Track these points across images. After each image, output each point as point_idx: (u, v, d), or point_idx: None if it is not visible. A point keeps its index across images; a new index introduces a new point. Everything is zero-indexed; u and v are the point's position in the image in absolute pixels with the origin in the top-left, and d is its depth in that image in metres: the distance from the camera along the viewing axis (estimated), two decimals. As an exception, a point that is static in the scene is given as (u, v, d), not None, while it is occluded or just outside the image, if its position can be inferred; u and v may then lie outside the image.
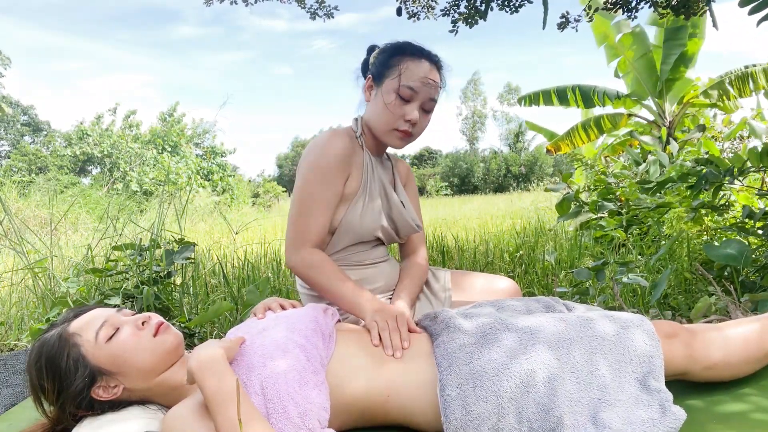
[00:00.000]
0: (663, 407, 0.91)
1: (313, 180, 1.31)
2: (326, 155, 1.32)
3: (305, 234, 1.30)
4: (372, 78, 1.38)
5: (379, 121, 1.35)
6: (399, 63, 1.33)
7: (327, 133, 1.37)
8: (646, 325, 1.04)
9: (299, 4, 3.96)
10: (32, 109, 26.91)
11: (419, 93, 1.32)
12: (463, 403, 0.93)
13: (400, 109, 1.32)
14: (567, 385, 0.93)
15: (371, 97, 1.39)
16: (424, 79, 1.32)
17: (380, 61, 1.37)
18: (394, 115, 1.32)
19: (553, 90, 8.12)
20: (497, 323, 1.05)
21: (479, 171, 36.34)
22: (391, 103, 1.32)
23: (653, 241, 2.90)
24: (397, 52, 1.35)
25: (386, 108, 1.32)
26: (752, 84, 6.91)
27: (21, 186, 8.69)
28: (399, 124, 1.33)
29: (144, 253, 2.04)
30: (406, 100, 1.32)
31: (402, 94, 1.31)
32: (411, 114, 1.32)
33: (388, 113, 1.32)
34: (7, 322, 2.27)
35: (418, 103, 1.33)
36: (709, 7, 3.03)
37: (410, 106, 1.33)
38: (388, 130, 1.35)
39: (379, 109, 1.34)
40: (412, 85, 1.31)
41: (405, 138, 1.36)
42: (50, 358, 0.96)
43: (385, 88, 1.33)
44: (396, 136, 1.35)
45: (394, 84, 1.31)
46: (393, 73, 1.32)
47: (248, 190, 18.56)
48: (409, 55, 1.34)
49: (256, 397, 0.89)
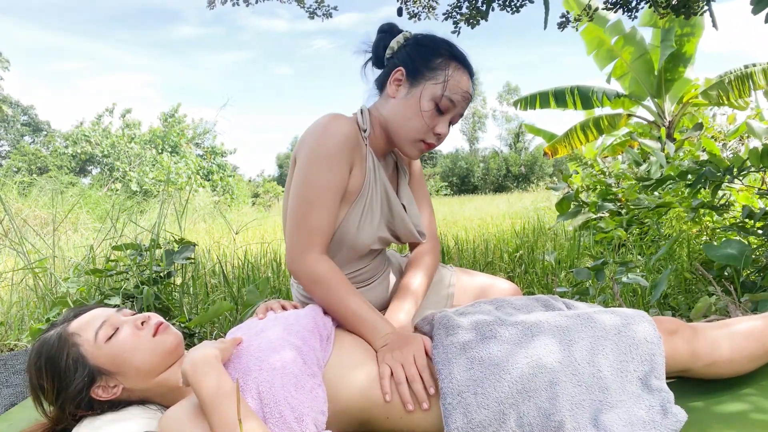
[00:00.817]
0: (664, 408, 0.91)
1: (317, 166, 1.13)
2: (330, 138, 1.13)
3: (310, 235, 1.13)
4: (405, 72, 1.19)
5: (406, 127, 1.18)
6: (445, 67, 1.17)
7: (327, 116, 1.17)
8: (647, 320, 1.03)
9: (298, 3, 3.96)
10: (32, 109, 26.94)
11: (456, 108, 1.19)
12: (464, 411, 0.92)
13: (433, 119, 1.17)
14: (568, 389, 0.92)
15: (399, 95, 1.20)
16: (465, 94, 1.19)
17: (420, 56, 1.19)
18: (427, 125, 1.17)
19: (551, 92, 8.04)
20: (496, 322, 1.04)
21: (479, 171, 36.34)
22: (429, 112, 1.16)
23: (653, 241, 2.90)
24: (442, 52, 1.19)
25: (420, 115, 1.16)
26: (752, 84, 6.92)
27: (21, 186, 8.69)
28: (426, 135, 1.18)
29: (144, 254, 2.04)
30: (442, 112, 1.18)
31: (442, 105, 1.17)
32: (442, 128, 1.19)
33: (420, 121, 1.17)
34: (7, 322, 2.27)
35: (449, 117, 1.20)
36: (709, 7, 3.04)
37: (444, 118, 1.19)
38: (415, 139, 1.19)
39: (409, 113, 1.17)
40: (454, 99, 1.17)
41: (426, 150, 1.22)
42: (50, 357, 0.96)
43: (424, 91, 1.16)
44: (419, 147, 1.21)
45: (436, 91, 1.16)
46: (437, 77, 1.16)
47: (248, 190, 18.56)
48: (456, 60, 1.18)
49: (253, 401, 0.89)
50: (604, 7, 3.67)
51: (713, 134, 6.40)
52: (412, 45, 1.21)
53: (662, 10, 3.46)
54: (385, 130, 1.23)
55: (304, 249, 1.13)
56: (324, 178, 1.12)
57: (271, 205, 16.24)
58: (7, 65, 22.04)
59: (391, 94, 1.21)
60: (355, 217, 1.20)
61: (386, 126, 1.22)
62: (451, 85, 1.16)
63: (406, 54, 1.20)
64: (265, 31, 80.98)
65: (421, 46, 1.20)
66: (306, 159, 1.14)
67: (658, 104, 7.94)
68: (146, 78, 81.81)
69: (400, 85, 1.20)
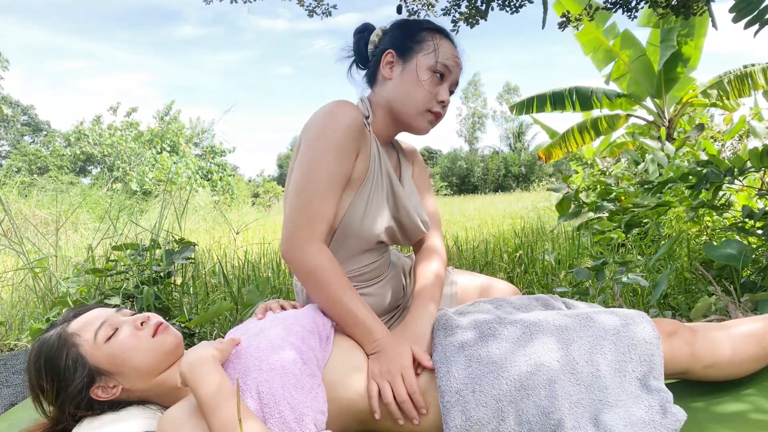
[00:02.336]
0: (664, 408, 0.91)
1: (324, 153, 1.10)
2: (338, 124, 1.12)
3: (312, 222, 1.09)
4: (395, 53, 1.22)
5: (410, 101, 1.19)
6: (431, 38, 1.20)
7: (334, 102, 1.17)
8: (646, 321, 1.03)
9: (298, 1, 3.96)
10: (32, 109, 26.94)
11: (452, 73, 1.21)
12: (462, 409, 0.92)
13: (434, 88, 1.20)
14: (567, 387, 0.92)
15: (395, 74, 1.21)
16: (456, 59, 1.22)
17: (404, 34, 1.23)
18: (430, 93, 1.19)
19: (549, 94, 7.94)
20: (495, 321, 1.04)
21: (479, 171, 36.35)
22: (428, 80, 1.18)
23: (653, 241, 2.90)
24: (424, 26, 1.23)
25: (421, 86, 1.18)
26: (751, 84, 6.92)
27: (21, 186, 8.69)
28: (432, 105, 1.20)
29: (144, 254, 2.04)
30: (441, 77, 1.20)
31: (440, 69, 1.19)
32: (444, 95, 1.21)
33: (422, 91, 1.18)
34: (7, 322, 2.27)
35: (448, 85, 1.23)
36: (709, 7, 3.03)
37: (443, 86, 1.21)
38: (422, 111, 1.20)
39: (410, 87, 1.19)
40: (447, 64, 1.19)
41: (434, 120, 1.23)
42: (49, 358, 0.96)
43: (419, 64, 1.19)
44: (428, 118, 1.22)
45: (430, 60, 1.18)
46: (426, 48, 1.19)
47: (248, 190, 18.55)
48: (439, 32, 1.23)
49: (252, 401, 0.89)
50: (603, 6, 3.67)
51: (713, 134, 6.40)
52: (394, 29, 1.26)
53: (662, 10, 3.46)
54: (390, 111, 1.23)
55: (305, 237, 1.08)
56: (331, 165, 1.10)
57: (271, 205, 16.24)
58: (7, 65, 22.04)
59: (387, 76, 1.22)
60: (360, 204, 1.18)
61: (390, 107, 1.23)
62: (442, 52, 1.19)
63: (390, 38, 1.24)
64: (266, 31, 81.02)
65: (403, 26, 1.25)
66: (312, 144, 1.12)
67: (658, 104, 7.94)
68: (146, 78, 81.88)
69: (393, 66, 1.22)
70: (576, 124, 8.25)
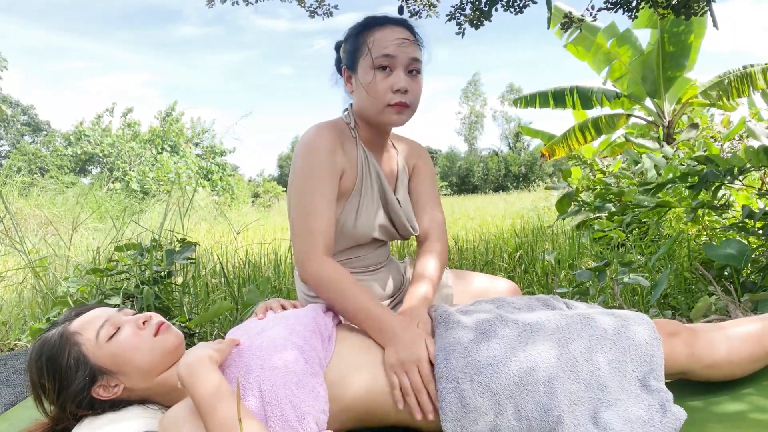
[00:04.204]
0: (663, 407, 0.91)
1: (309, 180, 1.22)
2: (315, 152, 1.23)
3: (313, 239, 1.18)
4: (347, 68, 1.30)
5: (368, 105, 1.25)
6: (366, 38, 1.24)
7: (312, 128, 1.28)
8: (647, 322, 1.03)
9: (299, 2, 3.95)
10: (32, 109, 26.95)
11: (397, 56, 1.21)
12: (459, 396, 0.93)
13: (384, 82, 1.22)
14: (567, 385, 0.93)
15: (354, 87, 1.30)
16: (396, 41, 1.22)
17: (348, 48, 1.29)
18: (379, 90, 1.22)
19: (551, 92, 8.04)
20: (497, 319, 1.05)
21: (478, 171, 36.36)
22: (372, 80, 1.22)
23: (653, 241, 2.91)
24: (358, 30, 1.27)
25: (369, 87, 1.22)
26: (751, 84, 6.92)
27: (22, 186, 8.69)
28: (389, 98, 1.22)
29: (145, 253, 2.04)
30: (387, 70, 1.22)
31: (379, 64, 1.21)
32: (398, 83, 1.22)
33: (372, 91, 1.22)
34: (8, 321, 2.27)
35: (402, 69, 1.22)
36: (709, 7, 3.04)
37: (394, 74, 1.22)
38: (381, 109, 1.24)
39: (363, 93, 1.25)
40: (386, 52, 1.21)
41: (402, 110, 1.25)
42: (51, 357, 0.97)
43: (361, 69, 1.24)
44: (391, 112, 1.24)
45: (368, 60, 1.22)
46: (363, 50, 1.24)
47: (248, 190, 18.54)
48: (373, 26, 1.25)
49: (254, 400, 0.89)
50: (604, 6, 3.67)
51: (713, 134, 6.40)
52: (342, 44, 1.33)
53: (662, 10, 3.46)
54: (363, 119, 1.32)
55: (311, 254, 1.18)
56: (317, 189, 1.21)
57: (271, 205, 16.24)
58: (6, 64, 22.03)
59: (349, 90, 1.33)
60: (351, 210, 1.29)
61: (360, 115, 1.31)
62: (376, 46, 1.22)
63: (342, 55, 1.33)
64: (266, 30, 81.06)
65: (347, 40, 1.32)
66: (298, 175, 1.24)
67: (658, 104, 7.94)
68: (146, 78, 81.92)
69: (351, 80, 1.31)
70: (577, 123, 8.26)
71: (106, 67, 77.60)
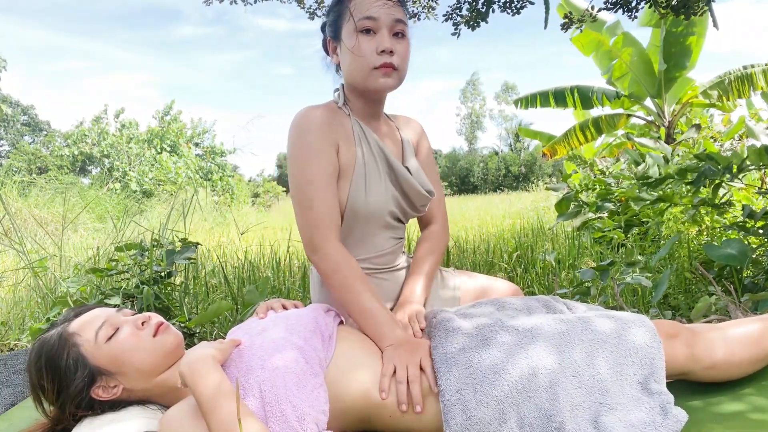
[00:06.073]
0: (664, 409, 0.91)
1: (304, 160, 1.19)
2: (305, 131, 1.21)
3: (317, 225, 1.17)
4: (332, 39, 1.29)
5: (354, 70, 1.22)
6: (347, 3, 1.22)
7: (301, 110, 1.27)
8: (647, 325, 1.03)
9: (298, 3, 3.95)
10: (32, 109, 26.95)
11: (380, 18, 1.19)
12: (463, 408, 0.92)
13: (368, 44, 1.19)
14: (568, 390, 0.92)
15: (339, 56, 1.27)
16: (378, 3, 1.20)
17: (331, 19, 1.27)
18: (365, 52, 1.19)
19: (551, 92, 8.06)
20: (496, 325, 1.04)
21: (478, 171, 36.37)
22: (356, 44, 1.19)
23: (653, 241, 2.90)
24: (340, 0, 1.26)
25: (354, 51, 1.20)
26: (751, 84, 6.92)
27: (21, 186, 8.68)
28: (374, 61, 1.19)
29: (145, 253, 2.04)
30: (371, 32, 1.20)
31: (362, 27, 1.19)
32: (383, 43, 1.19)
33: (358, 56, 1.20)
34: (7, 322, 2.27)
35: (386, 30, 1.20)
36: (709, 7, 3.03)
37: (378, 36, 1.20)
38: (367, 73, 1.21)
39: (349, 59, 1.22)
40: (369, 14, 1.19)
41: (389, 72, 1.21)
42: (50, 357, 0.96)
43: (345, 36, 1.22)
44: (378, 74, 1.21)
45: (351, 25, 1.20)
46: (345, 15, 1.22)
47: (248, 190, 18.54)
48: None
49: (254, 400, 0.89)
50: (603, 7, 3.66)
51: (713, 134, 6.40)
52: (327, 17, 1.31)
53: (662, 10, 3.45)
54: (352, 89, 1.29)
55: (319, 242, 1.17)
56: (314, 169, 1.19)
57: (271, 205, 16.24)
58: (5, 64, 22.02)
59: (336, 61, 1.30)
60: (359, 184, 1.24)
61: (348, 85, 1.29)
62: (358, 9, 1.20)
63: (327, 26, 1.31)
64: (266, 30, 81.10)
65: (329, 11, 1.30)
66: (294, 155, 1.22)
67: (658, 104, 7.94)
68: (146, 78, 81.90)
69: (336, 50, 1.29)
70: (578, 123, 8.27)
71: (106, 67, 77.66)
